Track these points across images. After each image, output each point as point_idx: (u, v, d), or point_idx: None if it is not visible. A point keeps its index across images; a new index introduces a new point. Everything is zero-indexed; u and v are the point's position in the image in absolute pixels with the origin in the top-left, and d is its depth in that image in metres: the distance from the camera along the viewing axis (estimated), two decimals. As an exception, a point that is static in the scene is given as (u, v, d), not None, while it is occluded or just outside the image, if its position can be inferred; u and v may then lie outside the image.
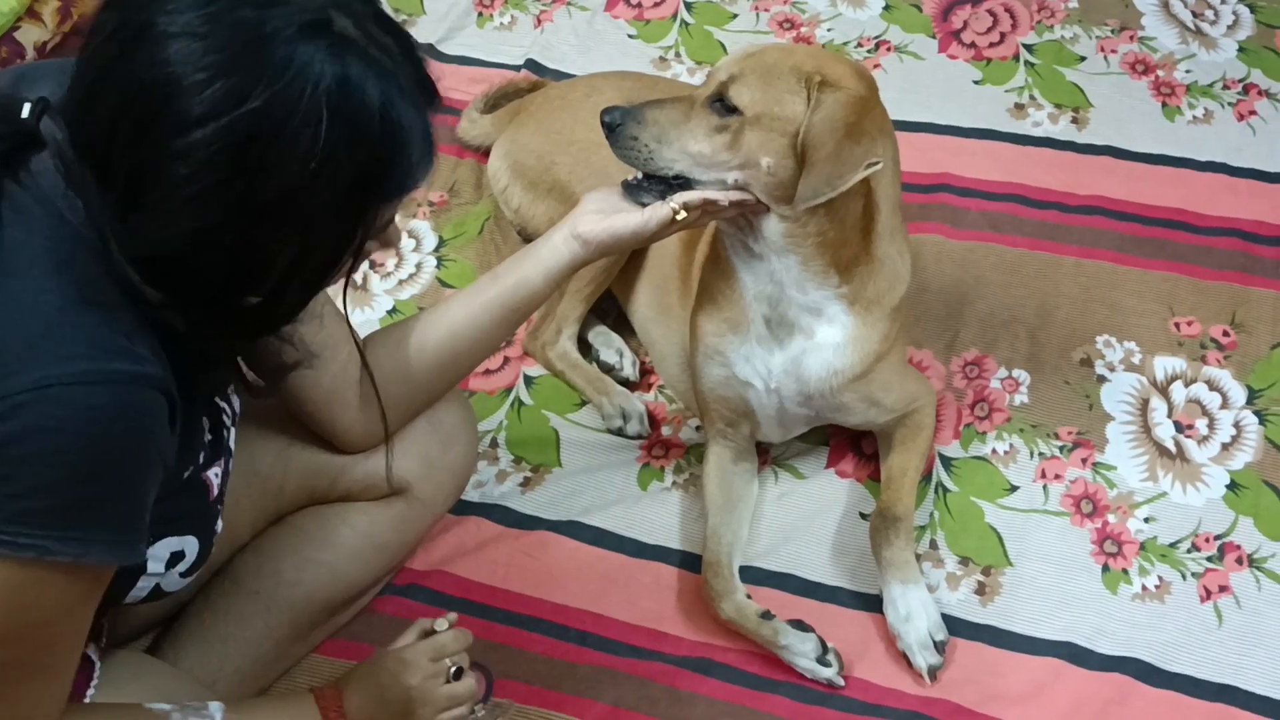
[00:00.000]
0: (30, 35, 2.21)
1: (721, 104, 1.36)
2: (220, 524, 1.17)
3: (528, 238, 1.96)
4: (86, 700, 1.15)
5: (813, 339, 1.49)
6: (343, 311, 1.35)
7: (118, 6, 0.92)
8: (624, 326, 1.87)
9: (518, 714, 1.44)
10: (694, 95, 1.40)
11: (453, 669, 1.24)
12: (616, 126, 1.38)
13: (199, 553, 1.13)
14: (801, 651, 1.46)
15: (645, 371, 1.84)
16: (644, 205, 1.37)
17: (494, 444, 1.75)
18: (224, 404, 1.16)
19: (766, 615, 1.48)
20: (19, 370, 0.89)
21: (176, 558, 1.10)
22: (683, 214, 1.34)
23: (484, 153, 2.05)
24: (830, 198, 1.35)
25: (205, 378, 1.06)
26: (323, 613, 1.46)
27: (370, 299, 1.96)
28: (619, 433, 1.75)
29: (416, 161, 0.99)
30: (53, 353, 0.90)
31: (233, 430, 1.19)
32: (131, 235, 0.91)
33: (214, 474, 1.13)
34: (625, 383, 1.81)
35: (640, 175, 1.40)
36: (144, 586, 1.10)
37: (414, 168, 0.99)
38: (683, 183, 1.38)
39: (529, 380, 1.83)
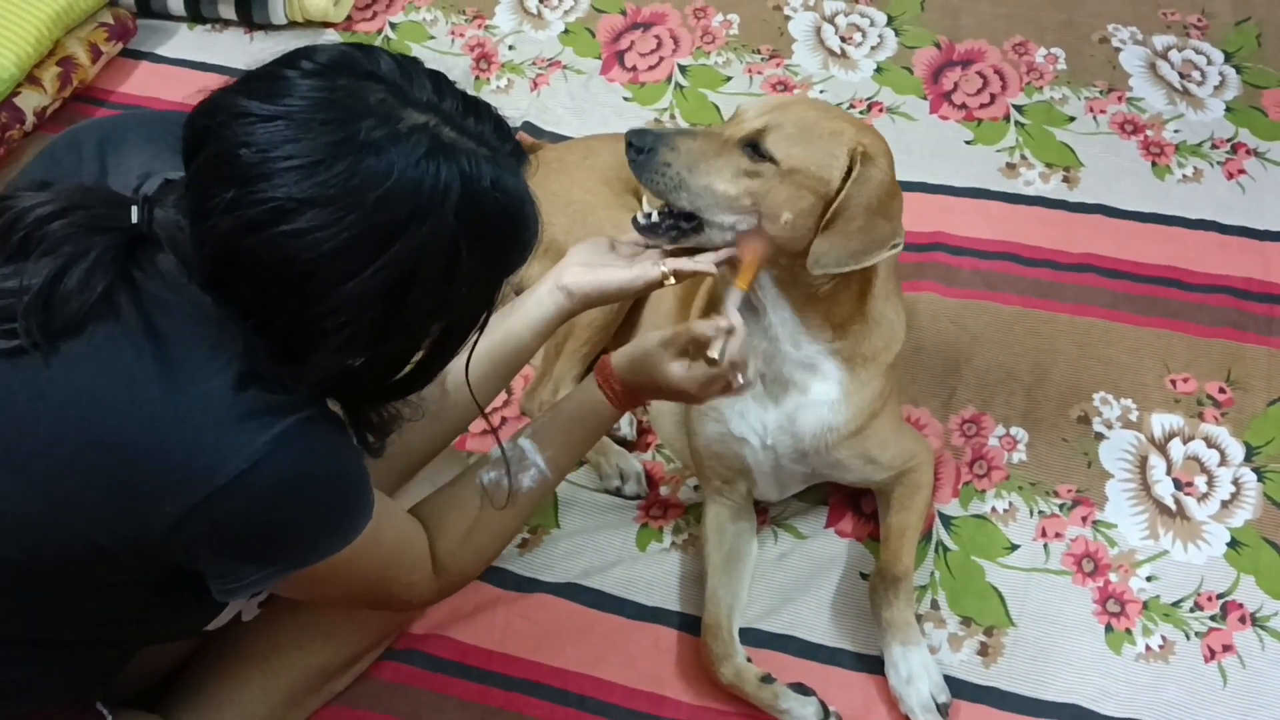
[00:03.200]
0: (30, 101, 2.23)
1: (755, 150, 1.34)
2: None
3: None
4: None
5: (807, 395, 1.49)
6: None
7: (230, 180, 0.93)
8: (621, 386, 1.87)
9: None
10: (723, 133, 1.38)
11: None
12: (645, 150, 1.35)
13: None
14: (803, 716, 1.45)
15: (643, 431, 1.83)
16: (649, 245, 1.36)
17: (491, 505, 1.74)
18: None
19: (767, 679, 1.47)
20: (225, 460, 0.96)
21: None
22: (671, 280, 1.33)
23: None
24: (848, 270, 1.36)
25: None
26: (318, 678, 1.44)
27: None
28: (617, 493, 1.75)
29: (532, 226, 1.04)
30: (244, 428, 0.97)
31: None
32: (292, 374, 0.97)
33: None
34: (623, 442, 1.81)
35: (652, 213, 1.37)
36: (225, 616, 1.18)
37: (531, 233, 1.04)
38: (694, 224, 1.36)
39: (526, 440, 1.82)
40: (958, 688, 1.48)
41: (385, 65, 0.98)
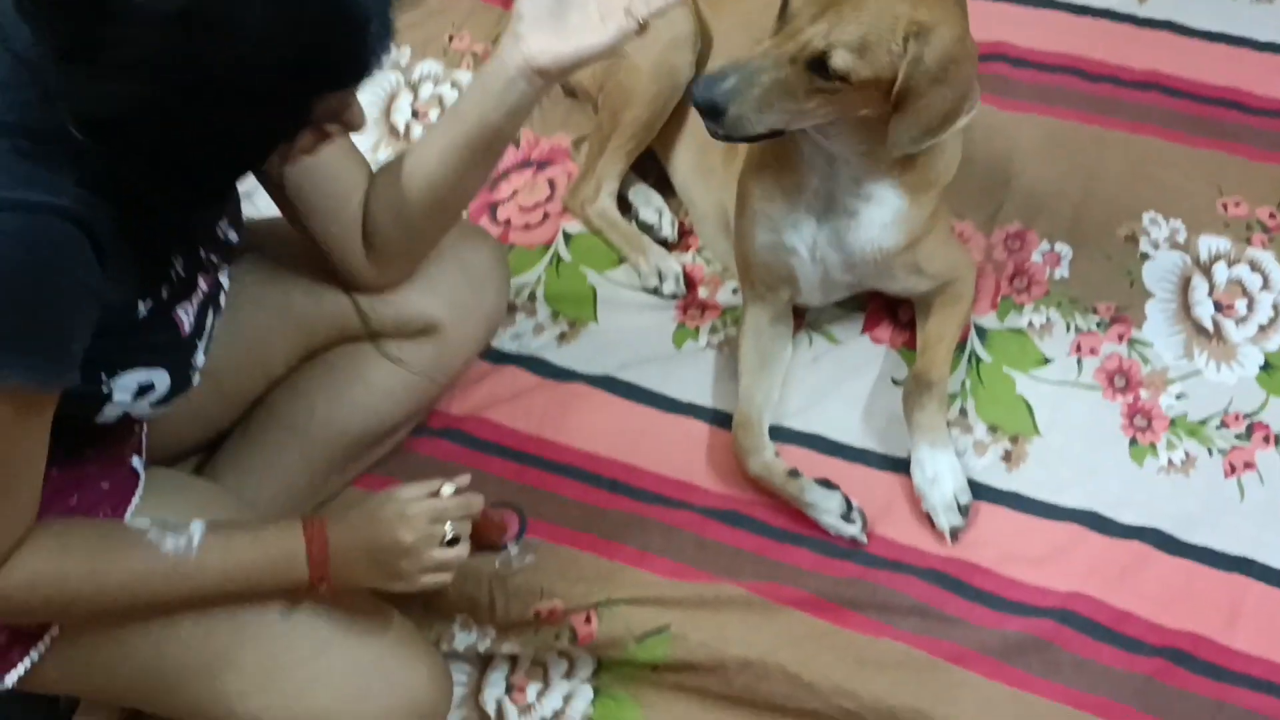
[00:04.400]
0: None
1: (822, 68, 1.28)
2: (200, 359, 1.17)
3: (569, 91, 1.94)
4: (130, 510, 1.20)
5: (862, 217, 1.49)
6: (360, 156, 1.35)
7: None
8: (665, 185, 1.86)
9: (548, 553, 1.48)
10: (784, 49, 1.29)
11: (450, 535, 1.20)
12: (722, 112, 1.30)
13: (171, 385, 1.13)
14: (826, 509, 1.50)
15: (684, 232, 1.84)
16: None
17: (532, 297, 1.77)
18: (206, 245, 1.15)
19: (794, 473, 1.51)
20: None
21: (145, 389, 1.11)
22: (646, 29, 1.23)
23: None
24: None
25: (150, 221, 1.02)
26: (356, 447, 1.50)
27: (412, 149, 1.95)
28: (655, 292, 1.76)
29: (365, 52, 0.94)
30: None
31: (220, 273, 1.19)
32: (67, 86, 0.89)
33: (184, 311, 1.13)
34: (663, 242, 1.82)
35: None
36: (110, 414, 1.10)
37: (361, 59, 0.94)
38: None
39: (568, 237, 1.84)
40: (979, 490, 1.52)
41: None
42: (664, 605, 1.44)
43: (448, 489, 1.22)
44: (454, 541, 1.21)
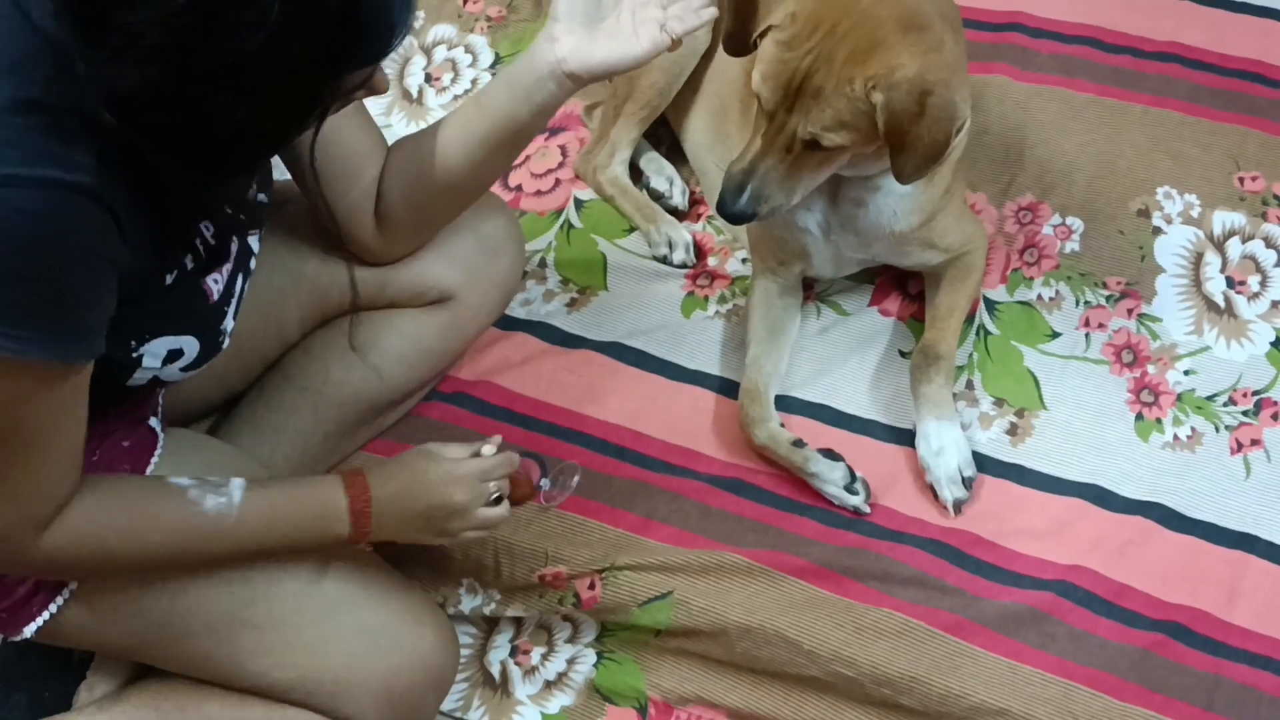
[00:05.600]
0: None
1: (818, 145, 1.33)
2: (229, 324, 1.18)
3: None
4: (150, 467, 1.22)
5: (871, 205, 1.50)
6: (376, 128, 1.36)
7: None
8: (677, 154, 1.86)
9: (554, 519, 1.50)
10: (776, 145, 1.34)
11: (494, 494, 1.25)
12: (758, 215, 1.39)
13: (200, 351, 1.15)
14: (830, 479, 1.51)
15: (695, 201, 1.84)
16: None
17: (542, 264, 1.78)
18: (236, 208, 1.15)
19: (798, 443, 1.52)
20: None
21: (175, 354, 1.12)
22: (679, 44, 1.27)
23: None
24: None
25: (173, 195, 1.01)
26: (369, 412, 1.52)
27: (425, 113, 1.96)
28: (665, 260, 1.77)
29: (383, 33, 0.93)
30: None
31: (250, 237, 1.20)
32: (87, 63, 0.89)
33: (213, 279, 1.14)
34: (674, 211, 1.82)
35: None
36: (140, 378, 1.12)
37: (380, 40, 0.94)
38: None
39: (579, 203, 1.84)
40: (983, 463, 1.52)
41: None
42: (667, 571, 1.46)
43: (488, 449, 1.26)
44: (497, 500, 1.25)
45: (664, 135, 1.87)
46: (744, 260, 1.74)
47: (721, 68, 1.74)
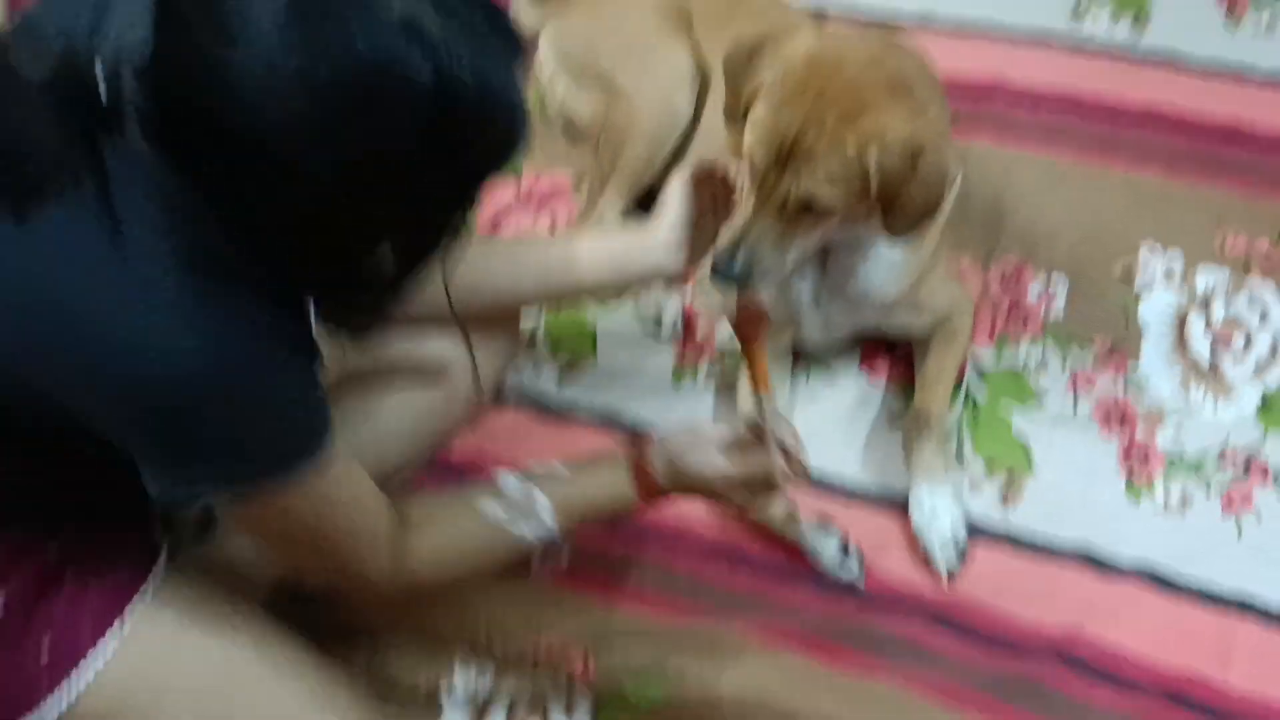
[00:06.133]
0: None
1: (810, 208, 1.34)
2: None
3: (570, 128, 1.96)
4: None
5: (861, 271, 1.52)
6: None
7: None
8: (664, 223, 1.88)
9: (546, 590, 1.50)
10: (768, 208, 1.35)
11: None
12: (746, 278, 1.37)
13: None
14: (825, 554, 1.51)
15: (684, 269, 1.85)
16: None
17: (533, 337, 1.79)
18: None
19: (792, 517, 1.52)
20: (163, 344, 0.91)
21: None
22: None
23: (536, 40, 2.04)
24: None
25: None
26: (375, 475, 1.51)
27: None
28: (655, 328, 1.78)
29: (517, 130, 0.95)
30: (188, 313, 0.92)
31: None
32: (245, 250, 0.92)
33: None
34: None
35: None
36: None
37: (513, 137, 0.96)
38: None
39: (569, 274, 1.85)
40: (975, 529, 1.52)
41: None
42: (660, 644, 1.45)
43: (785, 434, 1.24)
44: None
45: (652, 203, 1.88)
46: (730, 337, 1.75)
47: (707, 136, 1.77)
